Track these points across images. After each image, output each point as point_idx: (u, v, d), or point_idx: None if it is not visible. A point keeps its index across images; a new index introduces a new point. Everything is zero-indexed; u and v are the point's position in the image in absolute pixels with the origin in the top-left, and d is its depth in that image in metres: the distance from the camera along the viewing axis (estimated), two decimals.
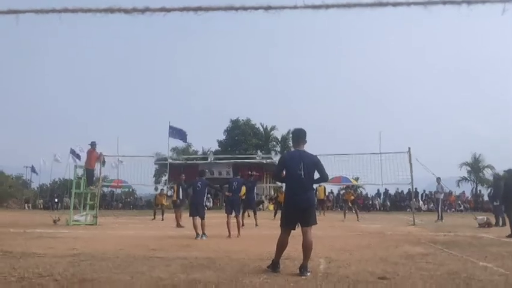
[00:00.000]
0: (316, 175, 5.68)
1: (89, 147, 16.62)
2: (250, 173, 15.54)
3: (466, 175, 40.19)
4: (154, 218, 19.65)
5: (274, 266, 5.53)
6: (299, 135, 5.83)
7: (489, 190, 36.77)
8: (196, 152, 48.05)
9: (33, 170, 42.86)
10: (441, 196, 19.51)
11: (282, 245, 5.55)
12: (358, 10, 1.29)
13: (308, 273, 5.17)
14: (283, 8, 1.32)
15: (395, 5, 1.30)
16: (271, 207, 28.56)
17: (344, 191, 28.36)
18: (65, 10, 1.30)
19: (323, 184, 23.71)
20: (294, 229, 5.64)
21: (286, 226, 5.61)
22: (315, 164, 5.63)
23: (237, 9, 1.33)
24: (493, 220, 14.41)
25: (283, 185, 6.36)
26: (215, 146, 49.88)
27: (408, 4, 1.29)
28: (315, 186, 6.40)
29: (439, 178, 18.87)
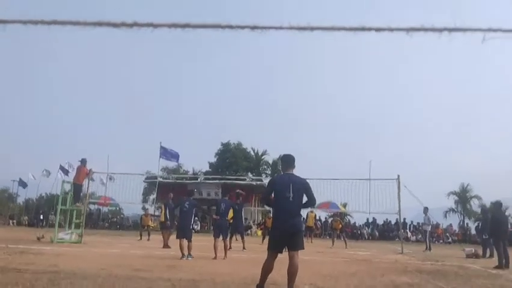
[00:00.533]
0: (305, 199, 5.68)
1: (79, 163, 16.48)
2: (238, 191, 15.38)
3: (453, 205, 40.37)
4: (141, 238, 19.41)
5: None
6: (288, 160, 5.92)
7: (476, 224, 37.04)
8: (186, 172, 47.83)
9: (21, 183, 42.23)
10: (429, 228, 19.55)
11: (267, 268, 5.49)
12: (343, 33, 1.32)
13: None
14: (269, 28, 1.34)
15: (378, 30, 1.33)
16: (259, 232, 28.32)
17: (331, 219, 28.31)
18: (55, 22, 1.31)
19: (314, 211, 23.67)
20: (281, 253, 5.59)
21: (273, 250, 5.56)
22: (304, 188, 5.66)
23: (223, 27, 1.35)
24: (480, 252, 14.43)
25: (271, 209, 6.35)
26: (206, 167, 49.77)
27: (391, 30, 1.32)
28: (305, 211, 6.42)
29: (426, 208, 18.93)
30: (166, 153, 26.75)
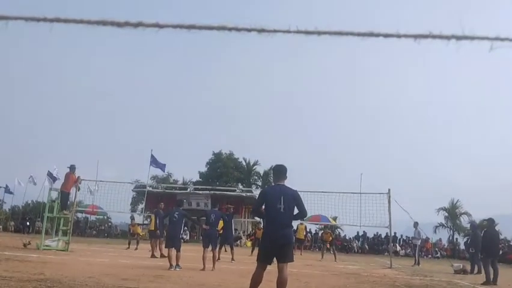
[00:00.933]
0: (296, 211, 5.65)
1: (68, 170, 16.29)
2: (227, 206, 15.33)
3: (443, 221, 40.56)
4: (129, 247, 19.20)
5: None
6: (280, 171, 5.88)
7: (465, 239, 37.22)
8: (176, 182, 47.60)
9: (7, 190, 41.60)
10: (419, 242, 19.62)
11: (256, 280, 5.43)
12: (350, 38, 1.30)
13: None
14: (276, 31, 1.32)
15: (386, 36, 1.32)
16: (249, 243, 28.17)
17: (322, 230, 28.24)
18: (57, 20, 1.28)
19: (304, 223, 23.53)
20: (270, 264, 5.54)
21: (262, 261, 5.51)
22: (295, 199, 5.62)
23: (230, 29, 1.33)
24: (468, 267, 14.47)
25: (262, 220, 6.31)
26: (196, 177, 49.58)
27: (399, 36, 1.32)
28: (295, 224, 6.41)
29: (416, 223, 19.02)
30: (156, 161, 26.70)
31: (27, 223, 37.21)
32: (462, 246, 35.84)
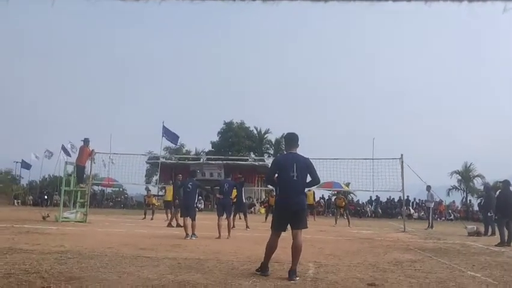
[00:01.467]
0: (309, 178, 5.69)
1: (82, 143, 16.48)
2: (239, 176, 15.48)
3: (456, 184, 40.47)
4: (145, 217, 19.58)
5: (263, 269, 5.52)
6: (292, 139, 5.89)
7: (479, 200, 37.17)
8: (189, 152, 47.94)
9: (24, 165, 42.33)
10: (432, 205, 19.65)
11: (271, 247, 5.54)
12: (357, 4, 1.27)
13: (297, 278, 5.14)
14: None
15: (395, 0, 1.28)
16: (263, 210, 28.55)
17: (335, 196, 28.40)
18: None
19: (312, 189, 23.61)
20: (285, 231, 5.62)
21: (277, 228, 5.60)
22: (307, 167, 5.65)
23: None
24: (482, 229, 14.50)
25: (274, 188, 6.33)
26: (208, 147, 49.88)
27: (409, 0, 1.27)
28: (305, 190, 6.41)
29: (429, 186, 19.00)
30: (168, 133, 26.83)
31: (45, 197, 38.07)
32: (476, 208, 35.88)
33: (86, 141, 16.35)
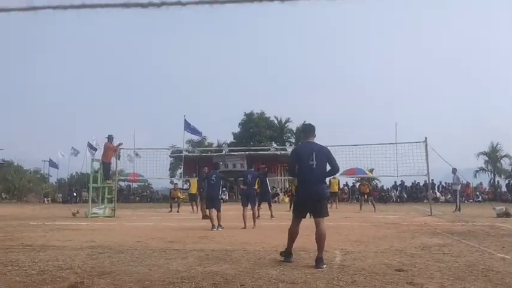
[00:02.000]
0: (328, 167, 5.78)
1: (106, 140, 16.80)
2: (262, 166, 15.58)
3: (483, 165, 39.69)
4: (171, 210, 19.89)
5: (286, 255, 5.65)
6: (309, 129, 6.05)
7: (507, 181, 36.45)
8: (211, 145, 48.29)
9: (51, 164, 43.39)
10: (459, 187, 19.34)
11: (292, 233, 5.72)
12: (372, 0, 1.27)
13: (324, 266, 5.19)
14: None
15: None
16: (287, 199, 28.60)
17: (359, 183, 28.24)
18: (83, 6, 1.32)
19: (337, 177, 23.48)
20: (304, 217, 5.73)
21: (297, 216, 5.75)
22: (326, 155, 5.76)
23: (252, 0, 1.32)
24: (511, 210, 14.23)
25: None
26: (230, 138, 50.15)
27: None
28: (328, 179, 6.46)
29: (455, 169, 18.69)
30: (190, 127, 27.11)
31: (74, 194, 39.02)
32: (504, 189, 35.19)
33: (110, 138, 16.67)
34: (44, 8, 1.31)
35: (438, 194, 32.17)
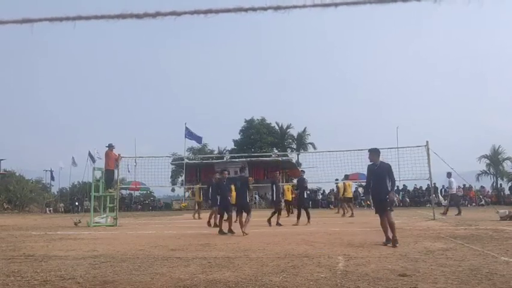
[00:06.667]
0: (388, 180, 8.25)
1: (106, 149, 16.81)
2: (277, 172, 15.47)
3: (485, 168, 39.61)
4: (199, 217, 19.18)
5: (386, 240, 8.01)
6: (376, 152, 8.59)
7: (510, 183, 36.33)
8: (212, 152, 48.31)
9: (52, 177, 43.47)
10: (454, 191, 19.28)
11: (383, 225, 8.19)
12: (368, 7, 1.28)
13: (397, 244, 7.55)
14: (293, 7, 1.32)
15: (405, 0, 1.29)
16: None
17: (361, 187, 28.16)
18: (79, 17, 1.32)
19: (347, 181, 23.11)
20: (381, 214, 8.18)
21: (377, 213, 8.33)
22: (387, 170, 8.29)
23: (246, 10, 1.33)
24: None
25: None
26: (231, 145, 50.17)
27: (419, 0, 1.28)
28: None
29: (449, 173, 18.57)
30: (191, 134, 27.15)
31: (76, 203, 39.01)
32: (507, 192, 35.07)
33: (110, 146, 16.71)
34: (40, 21, 1.32)
35: (441, 198, 32.05)
